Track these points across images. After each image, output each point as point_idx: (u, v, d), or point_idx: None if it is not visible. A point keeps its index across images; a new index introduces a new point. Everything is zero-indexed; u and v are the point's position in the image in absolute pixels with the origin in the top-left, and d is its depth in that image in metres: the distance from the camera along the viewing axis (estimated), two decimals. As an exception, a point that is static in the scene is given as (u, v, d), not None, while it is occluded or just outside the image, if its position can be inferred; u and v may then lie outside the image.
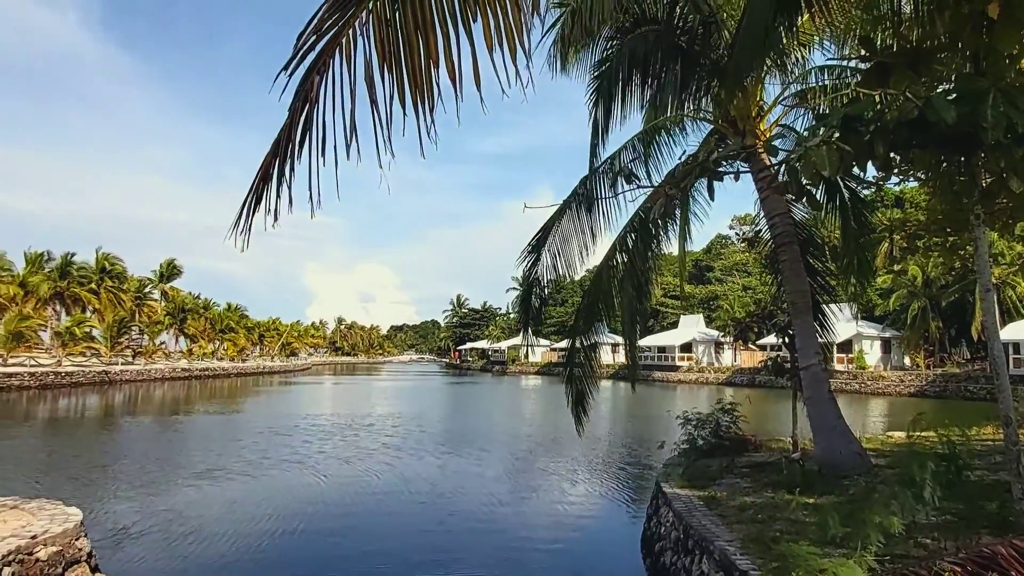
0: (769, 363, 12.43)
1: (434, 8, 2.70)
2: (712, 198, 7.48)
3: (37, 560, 6.18)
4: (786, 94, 11.23)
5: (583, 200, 11.29)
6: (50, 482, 14.30)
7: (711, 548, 6.43)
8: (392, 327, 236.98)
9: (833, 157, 3.44)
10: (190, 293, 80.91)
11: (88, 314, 60.94)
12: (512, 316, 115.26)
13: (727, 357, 63.81)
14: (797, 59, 11.05)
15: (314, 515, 11.82)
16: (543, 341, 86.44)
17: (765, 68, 9.79)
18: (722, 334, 62.77)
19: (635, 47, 9.95)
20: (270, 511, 11.95)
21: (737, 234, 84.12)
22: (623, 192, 11.19)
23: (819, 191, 9.56)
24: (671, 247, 11.80)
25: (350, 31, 2.83)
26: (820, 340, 10.84)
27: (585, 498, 13.56)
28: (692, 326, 68.29)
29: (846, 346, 47.58)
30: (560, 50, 11.37)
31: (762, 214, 11.25)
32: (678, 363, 64.63)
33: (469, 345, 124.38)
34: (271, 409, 35.05)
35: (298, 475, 15.52)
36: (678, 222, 10.93)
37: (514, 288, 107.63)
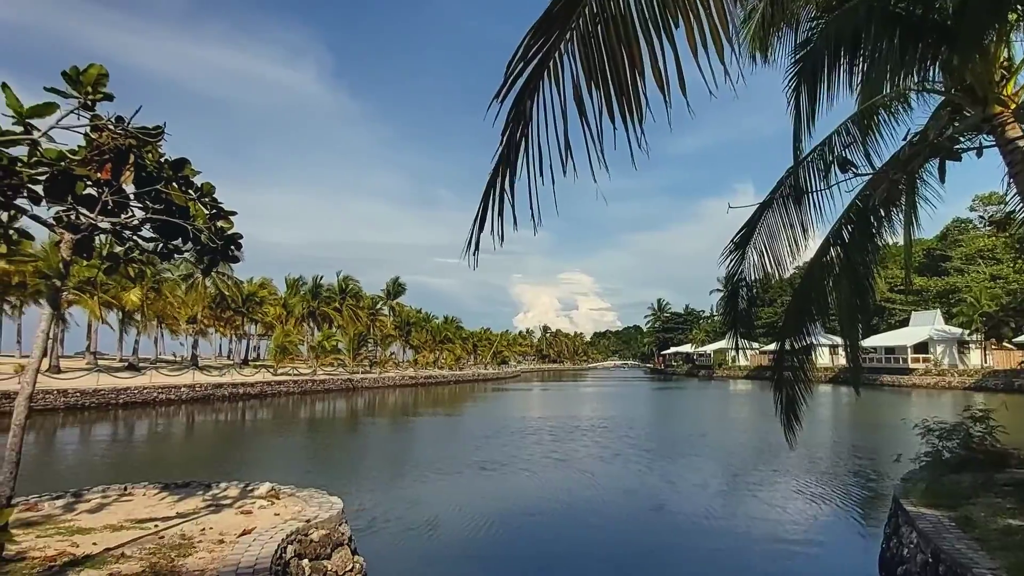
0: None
1: (635, 20, 2.75)
2: (943, 179, 6.58)
3: (312, 541, 7.16)
4: (1041, 48, 9.54)
5: (790, 192, 10.52)
6: (313, 473, 16.43)
7: (968, 576, 5.63)
8: (595, 334, 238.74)
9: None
10: (413, 308, 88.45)
11: (334, 329, 69.11)
12: (716, 319, 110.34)
13: (974, 358, 55.21)
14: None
15: (534, 514, 12.34)
16: (751, 343, 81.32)
17: (1009, 22, 8.43)
18: (966, 331, 54.40)
19: (842, 22, 9.12)
20: (495, 506, 12.71)
21: (981, 216, 72.67)
22: (838, 183, 10.28)
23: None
24: (895, 236, 10.54)
25: (556, 54, 2.98)
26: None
27: (809, 512, 12.54)
28: (926, 323, 60.20)
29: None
30: (758, 36, 10.72)
31: (1013, 191, 9.66)
32: (911, 365, 57.30)
33: (673, 350, 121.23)
34: (488, 413, 37.12)
35: (518, 475, 16.22)
36: (903, 208, 9.75)
37: (717, 290, 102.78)
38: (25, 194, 4.68)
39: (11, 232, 4.89)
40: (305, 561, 6.90)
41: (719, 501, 13.63)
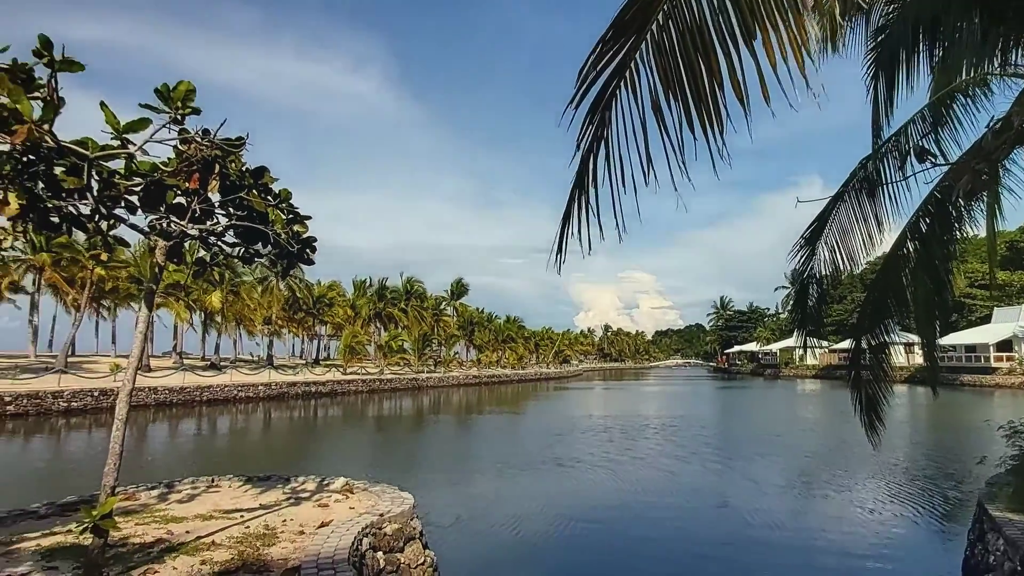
0: None
1: (712, 31, 2.68)
2: (1031, 167, 6.15)
3: (385, 534, 7.31)
4: None
5: (864, 185, 10.06)
6: (383, 469, 16.77)
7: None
8: (656, 332, 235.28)
9: None
10: (476, 308, 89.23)
11: (399, 329, 70.45)
12: (783, 316, 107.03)
13: (1067, 357, 51.60)
14: None
15: (610, 511, 12.23)
16: (820, 342, 78.38)
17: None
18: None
19: (920, 6, 8.66)
20: (570, 502, 12.67)
21: (1068, 207, 67.73)
22: (915, 174, 9.77)
23: None
24: (976, 229, 9.94)
25: (632, 63, 2.93)
26: None
27: (888, 514, 11.99)
28: (1010, 320, 56.62)
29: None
30: (828, 24, 10.26)
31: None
32: (993, 364, 53.98)
33: (737, 348, 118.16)
34: (555, 411, 37.12)
35: (594, 472, 16.10)
36: (985, 199, 9.18)
37: (783, 286, 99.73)
38: (122, 204, 4.95)
39: (110, 240, 5.18)
40: (379, 554, 7.04)
41: (801, 502, 13.23)
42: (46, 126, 3.91)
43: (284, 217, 5.80)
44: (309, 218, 6.02)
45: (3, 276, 41.35)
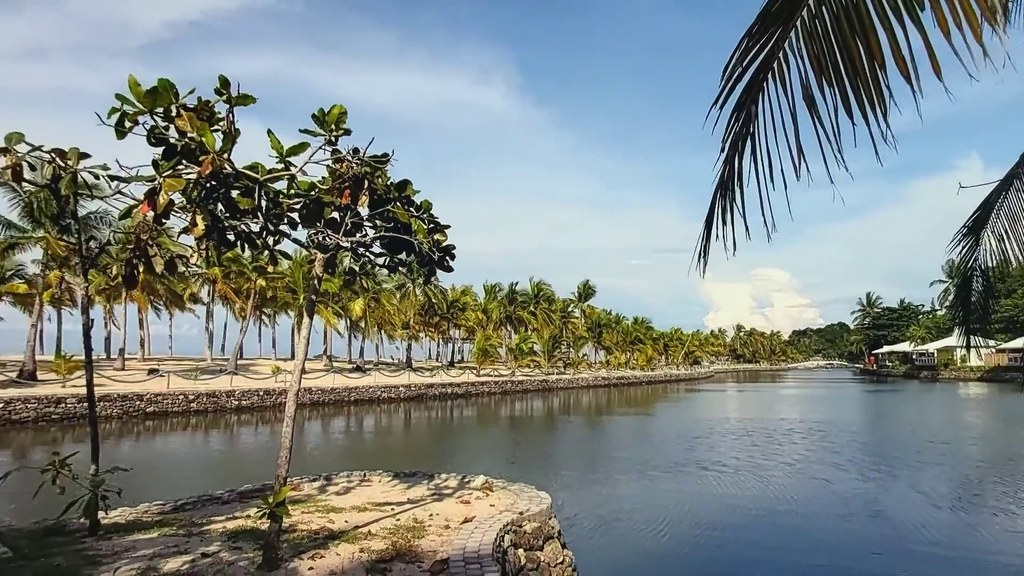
0: None
1: (871, 9, 2.48)
2: None
3: (525, 532, 7.41)
4: None
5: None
6: (518, 468, 17.04)
7: None
8: (794, 332, 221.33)
9: None
10: (604, 310, 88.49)
11: (529, 332, 71.37)
12: (940, 313, 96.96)
13: None
14: None
15: (747, 521, 11.66)
16: (986, 340, 70.09)
17: None
18: None
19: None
20: (704, 509, 12.25)
21: None
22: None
23: None
24: None
25: (780, 53, 2.79)
26: None
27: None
28: None
29: None
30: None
31: None
32: None
33: (887, 348, 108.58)
34: (688, 413, 36.04)
35: (727, 477, 15.52)
36: None
37: (940, 280, 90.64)
38: (286, 221, 5.41)
39: (276, 253, 5.67)
40: (520, 551, 7.14)
41: (973, 517, 11.94)
42: (225, 155, 4.35)
43: (425, 227, 6.05)
44: (448, 227, 6.25)
45: (185, 289, 46.57)
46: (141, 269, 5.28)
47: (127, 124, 4.23)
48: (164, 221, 4.77)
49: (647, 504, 12.65)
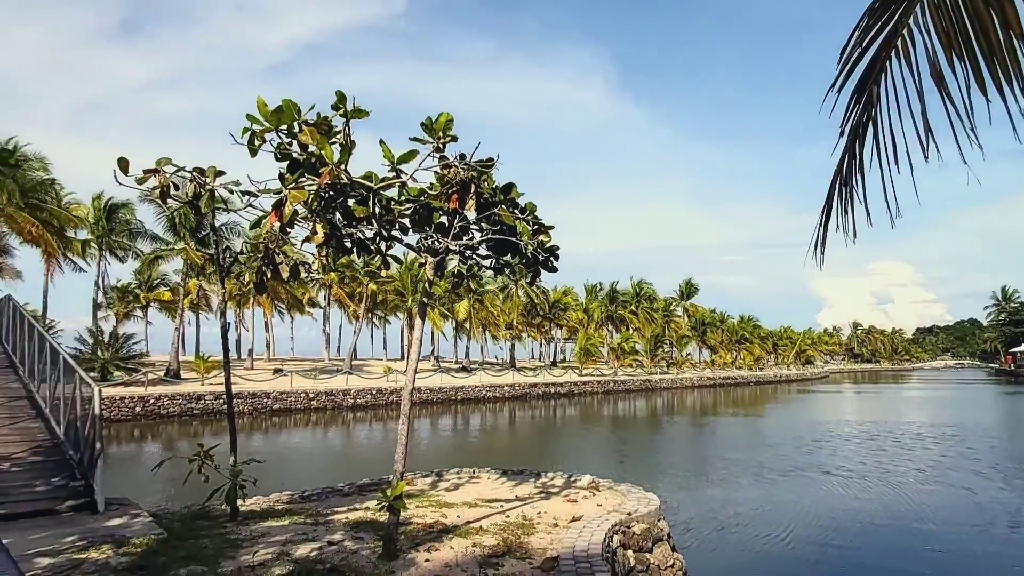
0: None
1: None
2: None
3: (634, 533, 7.28)
4: None
5: None
6: (622, 468, 16.80)
7: None
8: (918, 329, 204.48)
9: None
10: (708, 308, 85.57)
11: (630, 331, 70.27)
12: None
13: None
14: None
15: (876, 531, 10.84)
16: None
17: None
18: None
19: None
20: (828, 516, 11.55)
21: None
22: None
23: None
24: None
25: (904, 30, 2.60)
26: None
27: None
28: None
29: None
30: None
31: None
32: None
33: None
34: (803, 416, 34.16)
35: (853, 483, 14.58)
36: None
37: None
38: (397, 227, 5.61)
39: (388, 258, 5.90)
40: (629, 552, 7.02)
41: None
42: (342, 166, 4.57)
43: (530, 228, 6.08)
44: (552, 228, 6.25)
45: (305, 293, 49.53)
46: (269, 276, 5.65)
47: (256, 142, 4.54)
48: (288, 230, 5.08)
49: (765, 509, 12.07)
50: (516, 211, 5.97)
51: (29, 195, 31.28)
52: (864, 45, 2.71)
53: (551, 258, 6.34)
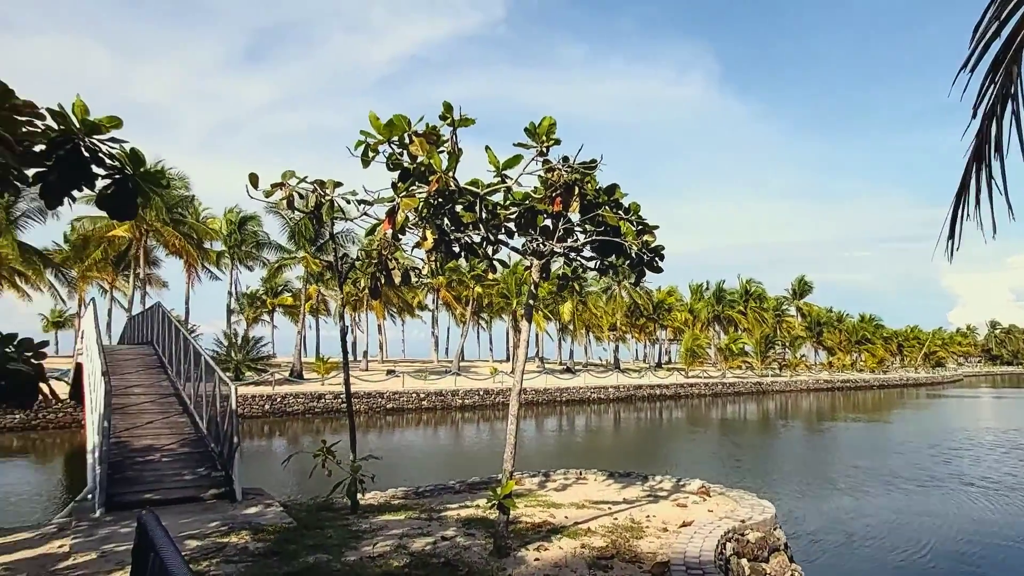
0: None
1: None
2: None
3: (748, 542, 6.96)
4: None
5: None
6: (733, 473, 16.10)
7: None
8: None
9: None
10: (823, 307, 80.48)
11: (739, 332, 67.40)
12: None
13: None
14: None
15: (1018, 550, 9.79)
16: None
17: None
18: None
19: None
20: (974, 532, 10.55)
21: None
22: None
23: None
24: None
25: None
26: None
27: None
28: None
29: None
30: None
31: None
32: None
33: None
34: (929, 422, 31.37)
35: (1000, 497, 13.27)
36: None
37: None
38: (503, 231, 5.68)
39: (495, 262, 5.99)
40: (744, 561, 6.72)
41: None
42: (450, 173, 4.70)
43: (634, 229, 5.97)
44: (656, 227, 6.09)
45: (414, 297, 51.38)
46: (383, 281, 5.89)
47: (370, 154, 4.76)
48: (400, 237, 5.28)
49: (899, 522, 11.15)
50: (620, 212, 5.88)
51: (173, 211, 34.57)
52: (1002, 19, 2.46)
53: (656, 258, 6.19)
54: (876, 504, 12.48)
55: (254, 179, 5.10)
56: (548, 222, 5.64)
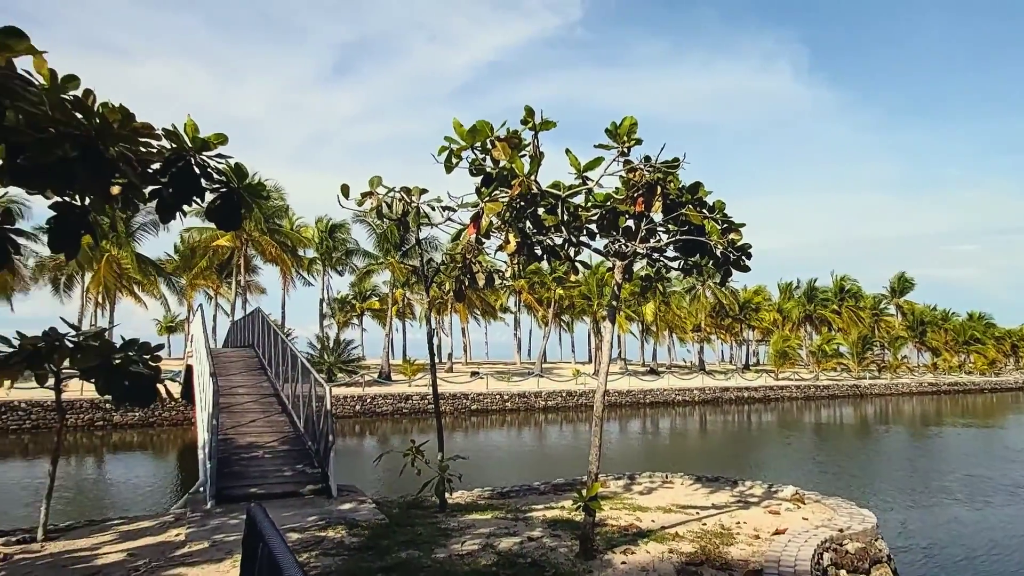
0: None
1: None
2: None
3: (847, 552, 6.58)
4: None
5: None
6: (828, 480, 15.26)
7: None
8: None
9: None
10: (925, 305, 75.00)
11: (833, 332, 63.91)
12: None
13: None
14: None
15: None
16: None
17: None
18: None
19: None
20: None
21: None
22: None
23: None
24: None
25: None
26: None
27: None
28: None
29: None
30: None
31: None
32: None
33: None
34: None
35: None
36: None
37: None
38: (584, 232, 5.65)
39: (576, 264, 5.96)
40: (843, 572, 6.37)
41: None
42: (532, 177, 4.72)
43: (719, 227, 5.79)
44: (743, 225, 5.89)
45: (497, 300, 51.95)
46: (467, 284, 5.99)
47: (453, 160, 4.85)
48: (484, 241, 5.35)
49: (997, 532, 10.26)
50: (704, 210, 5.72)
51: (269, 221, 36.60)
52: None
53: (743, 257, 5.98)
54: (1001, 516, 11.49)
55: (345, 190, 5.32)
56: (630, 223, 5.56)
